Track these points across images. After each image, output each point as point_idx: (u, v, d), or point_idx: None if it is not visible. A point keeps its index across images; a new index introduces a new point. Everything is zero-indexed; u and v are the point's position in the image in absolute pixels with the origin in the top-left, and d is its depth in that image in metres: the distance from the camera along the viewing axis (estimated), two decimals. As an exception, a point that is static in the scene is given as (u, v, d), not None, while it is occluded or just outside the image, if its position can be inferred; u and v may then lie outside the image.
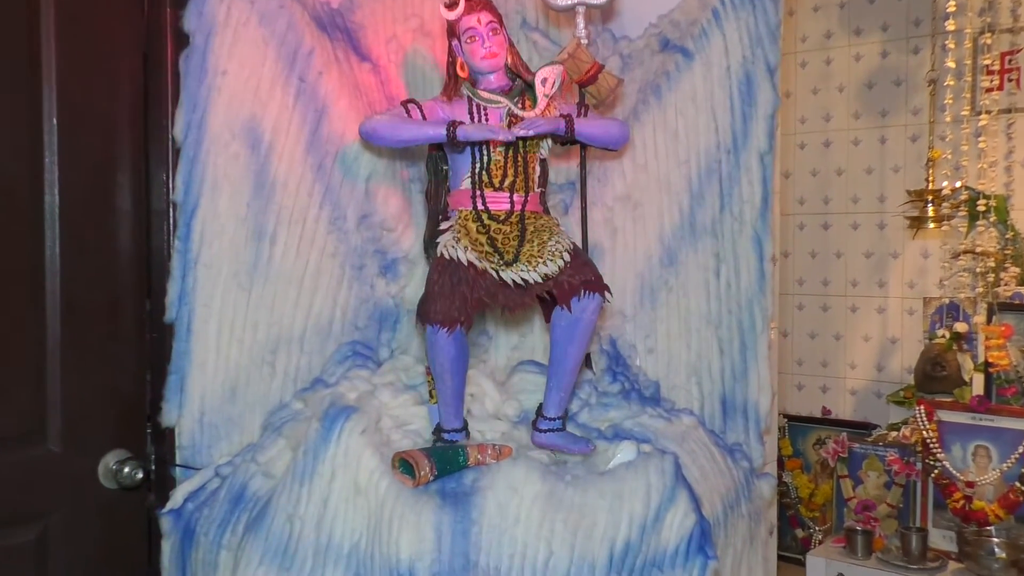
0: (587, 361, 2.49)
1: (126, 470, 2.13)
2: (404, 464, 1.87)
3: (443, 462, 1.88)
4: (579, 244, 2.30)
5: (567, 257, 1.92)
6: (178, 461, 2.07)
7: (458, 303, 1.85)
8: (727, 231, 2.51)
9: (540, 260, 1.93)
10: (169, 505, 2.01)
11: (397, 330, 2.49)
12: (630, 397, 2.31)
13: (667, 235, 2.55)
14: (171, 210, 2.08)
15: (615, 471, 1.90)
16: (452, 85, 1.92)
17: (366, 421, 1.93)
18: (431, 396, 2.11)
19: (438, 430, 2.04)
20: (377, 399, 2.12)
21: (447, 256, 1.90)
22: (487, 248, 1.92)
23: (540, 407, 2.07)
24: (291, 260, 2.35)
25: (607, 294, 1.93)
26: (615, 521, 1.80)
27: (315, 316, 2.38)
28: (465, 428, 2.05)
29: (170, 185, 2.05)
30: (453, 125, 1.84)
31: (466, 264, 1.88)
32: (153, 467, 2.17)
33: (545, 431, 2.04)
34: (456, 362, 1.91)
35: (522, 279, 1.91)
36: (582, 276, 1.91)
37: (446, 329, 1.85)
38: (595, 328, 2.12)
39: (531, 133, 1.84)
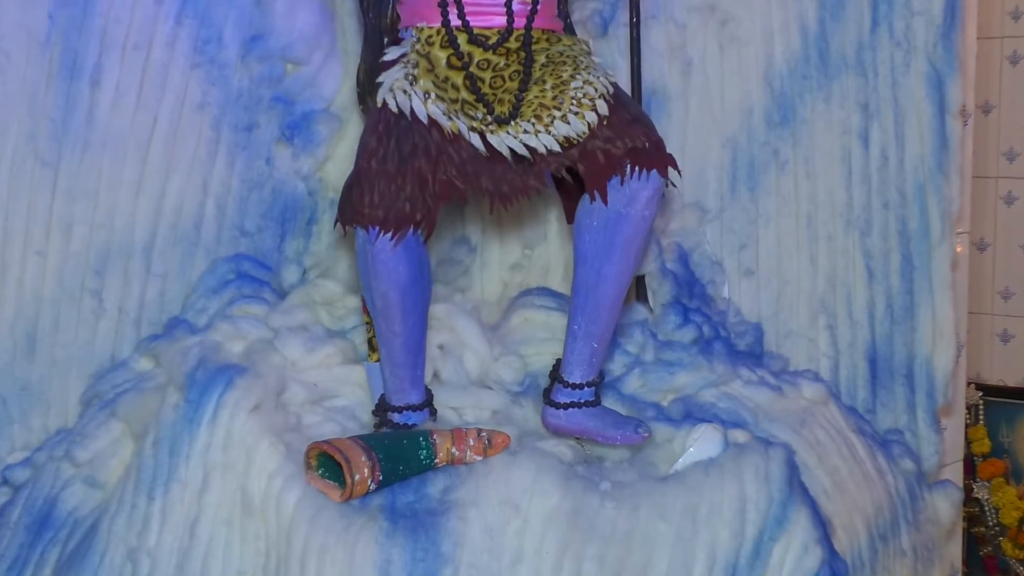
0: (638, 290, 2.45)
1: None
2: (326, 463, 1.90)
3: (393, 460, 1.91)
4: (624, 88, 2.24)
5: (603, 108, 1.95)
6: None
7: (411, 189, 1.89)
8: (883, 65, 2.47)
9: (556, 113, 1.95)
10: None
11: (313, 237, 2.41)
12: (711, 351, 2.34)
13: (778, 73, 2.50)
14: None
15: (686, 475, 1.93)
16: None
17: (260, 391, 1.97)
18: (371, 349, 2.15)
19: (383, 407, 2.08)
20: (279, 354, 2.13)
21: (394, 108, 1.93)
22: (465, 95, 1.95)
23: (557, 367, 2.10)
24: (127, 115, 2.27)
25: (673, 173, 1.96)
26: (686, 560, 1.84)
27: (170, 212, 2.32)
28: (428, 404, 2.09)
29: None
30: None
31: (426, 122, 1.91)
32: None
33: (566, 406, 2.07)
34: (410, 293, 1.95)
35: (525, 146, 1.94)
36: (629, 140, 1.94)
37: (390, 235, 1.88)
38: (652, 233, 2.12)
39: None
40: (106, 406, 2.15)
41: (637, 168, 1.93)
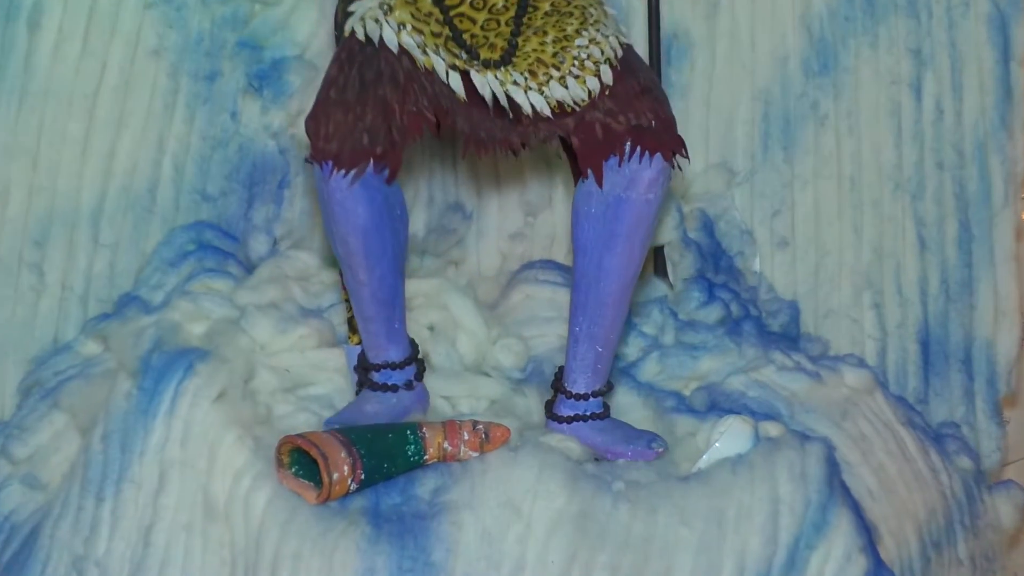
0: (656, 262, 2.44)
1: None
2: (301, 460, 1.90)
3: (376, 456, 1.90)
4: (639, 33, 2.25)
5: (607, 75, 1.95)
6: None
7: (371, 120, 1.88)
8: (937, 4, 2.46)
9: (555, 72, 1.95)
10: None
11: (284, 202, 2.45)
12: (740, 332, 2.33)
13: (817, 15, 2.49)
14: None
15: (711, 474, 1.94)
16: None
17: (225, 378, 1.98)
18: (351, 330, 2.16)
19: (362, 364, 2.09)
20: (246, 336, 2.14)
21: (361, 36, 1.93)
22: (449, 31, 1.96)
23: (559, 376, 2.11)
24: (71, 62, 2.27)
25: (679, 156, 1.94)
26: (710, 569, 1.84)
27: (121, 174, 2.34)
28: (413, 359, 2.09)
29: None
30: None
31: (395, 51, 1.91)
32: None
33: (570, 420, 2.08)
34: (373, 238, 1.95)
35: (508, 98, 1.92)
36: (633, 116, 1.94)
37: (343, 171, 1.87)
38: (659, 213, 2.08)
39: None
40: (48, 395, 2.16)
41: (639, 149, 1.93)
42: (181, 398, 1.96)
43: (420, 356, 2.12)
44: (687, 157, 1.97)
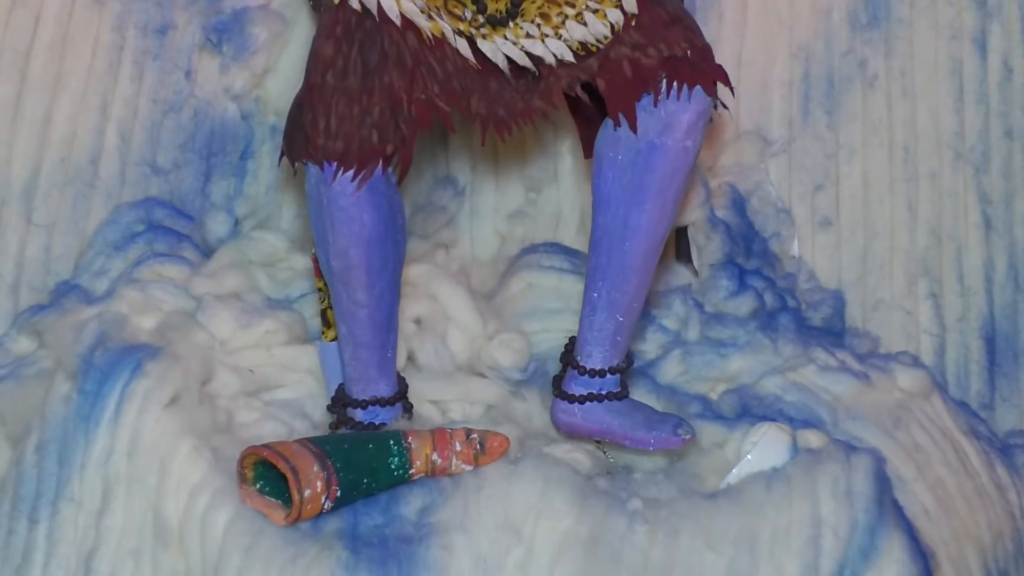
0: (678, 246, 2.45)
1: None
2: (267, 475, 1.92)
3: (354, 470, 1.93)
4: None
5: (631, 3, 1.98)
6: None
7: (379, 113, 1.91)
8: None
9: (569, 10, 1.99)
10: None
11: (248, 175, 2.45)
12: (776, 326, 2.35)
13: None
14: None
15: (742, 491, 1.96)
16: None
17: (179, 380, 2.00)
18: (325, 324, 2.18)
19: (342, 401, 2.12)
20: (204, 331, 2.17)
21: (355, 4, 1.93)
22: None
23: (571, 349, 2.14)
24: (0, 14, 2.29)
25: (724, 91, 2.00)
26: None
27: (58, 143, 2.34)
28: (402, 396, 2.13)
29: None
30: None
31: (398, 23, 1.91)
32: None
33: (582, 399, 2.10)
34: (378, 250, 1.99)
35: (527, 54, 1.96)
36: (665, 47, 1.97)
37: (352, 173, 1.91)
38: (697, 171, 2.12)
39: None
40: (-27, 401, 2.11)
41: (675, 84, 1.95)
42: (128, 403, 1.96)
43: (408, 391, 2.15)
44: (731, 88, 2.00)
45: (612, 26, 1.98)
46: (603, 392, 2.10)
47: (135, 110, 2.35)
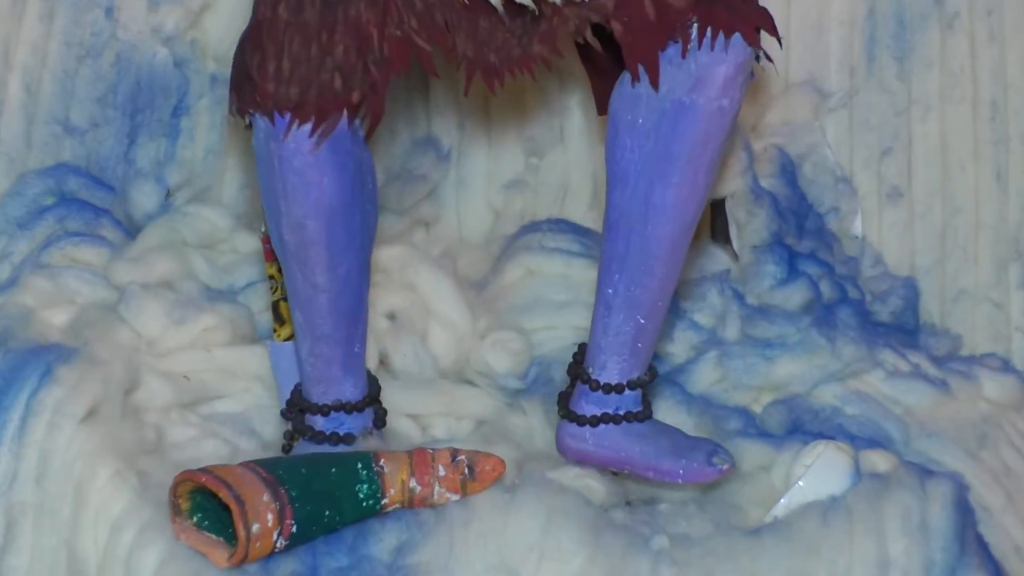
0: (714, 223, 2.42)
1: None
2: (205, 505, 1.88)
3: (314, 500, 1.88)
4: None
5: None
6: None
7: (343, 53, 1.88)
8: None
9: None
10: None
11: (181, 136, 2.39)
12: (834, 322, 2.29)
13: None
14: None
15: (792, 525, 1.90)
16: None
17: (97, 388, 1.95)
18: (278, 319, 2.15)
19: (298, 405, 2.08)
20: (128, 327, 2.13)
21: None
22: None
23: (580, 358, 2.12)
24: None
25: (770, 40, 1.97)
26: None
27: None
28: (373, 401, 2.11)
29: None
30: None
31: None
32: None
33: (594, 421, 2.07)
34: (341, 222, 1.96)
35: None
36: None
37: (309, 127, 1.87)
38: (734, 132, 2.09)
39: None
40: None
41: (709, 30, 1.90)
42: (35, 417, 1.89)
43: (380, 395, 2.13)
44: (777, 37, 1.96)
45: None
46: (620, 412, 2.04)
47: (43, 56, 2.28)
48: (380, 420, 2.09)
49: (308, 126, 1.86)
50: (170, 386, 2.06)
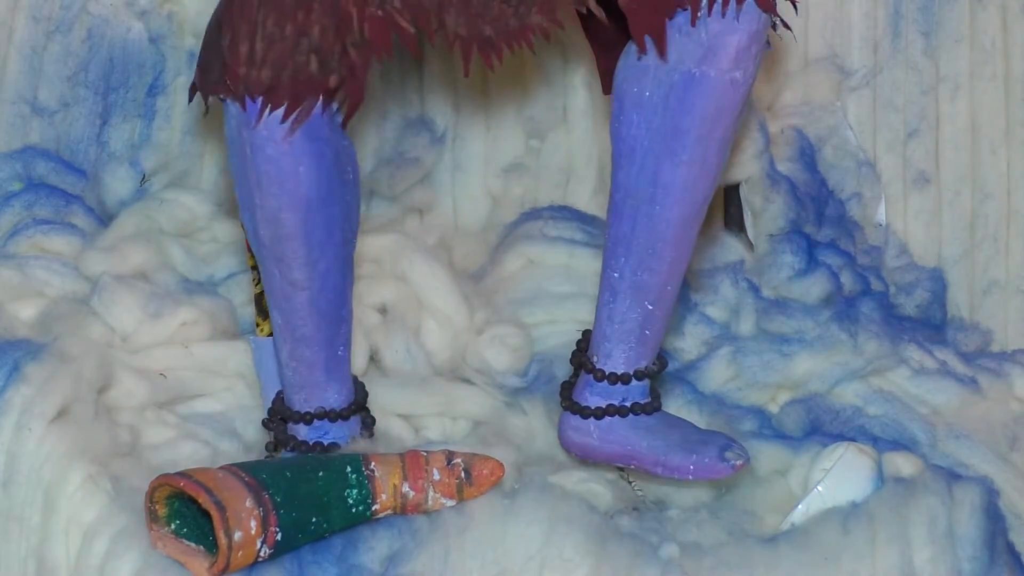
0: (727, 210, 2.40)
1: None
2: (183, 511, 1.87)
3: (301, 506, 1.86)
4: None
5: None
6: None
7: (319, 33, 1.86)
8: None
9: None
10: None
11: (157, 117, 2.37)
12: (856, 316, 2.26)
13: None
14: None
15: (810, 532, 1.88)
16: None
17: (68, 387, 1.93)
18: (261, 314, 2.12)
19: (280, 413, 2.07)
20: (101, 322, 2.12)
21: None
22: None
23: (584, 346, 2.11)
24: None
25: (782, 4, 1.93)
26: None
27: None
28: (360, 408, 2.09)
29: None
30: None
31: None
32: None
33: (599, 413, 2.05)
34: (320, 215, 1.94)
35: None
36: None
37: (282, 112, 1.85)
38: (748, 109, 2.08)
39: None
40: None
41: None
42: (2, 417, 1.86)
43: (367, 401, 2.11)
44: (794, 3, 1.97)
45: None
46: (627, 403, 2.02)
47: (9, 32, 2.28)
48: (368, 429, 2.08)
49: (281, 111, 1.85)
50: (146, 384, 2.04)
